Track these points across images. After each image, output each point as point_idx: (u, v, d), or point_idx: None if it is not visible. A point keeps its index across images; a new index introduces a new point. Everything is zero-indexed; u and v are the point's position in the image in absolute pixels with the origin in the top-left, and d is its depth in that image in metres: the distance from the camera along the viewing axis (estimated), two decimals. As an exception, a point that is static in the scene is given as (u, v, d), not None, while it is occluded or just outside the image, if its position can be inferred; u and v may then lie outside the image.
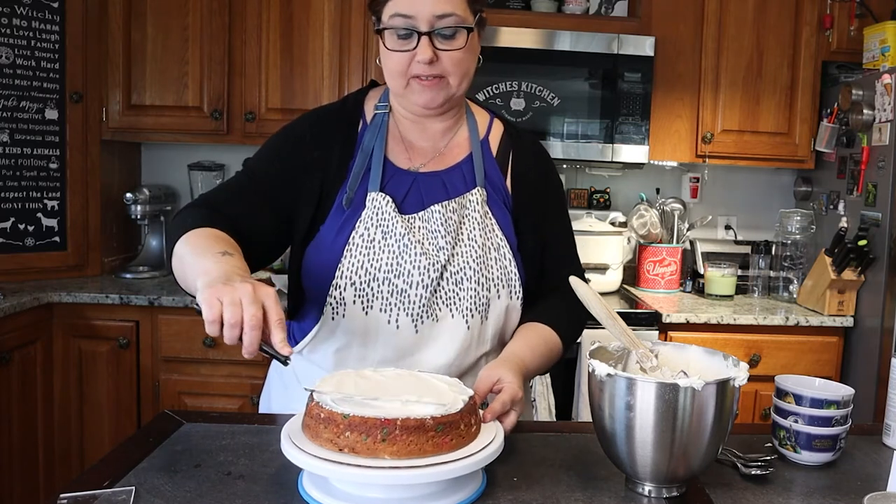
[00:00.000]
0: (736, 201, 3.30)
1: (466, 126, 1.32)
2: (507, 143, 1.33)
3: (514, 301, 1.26)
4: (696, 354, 1.08)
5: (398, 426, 0.86)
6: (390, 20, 1.17)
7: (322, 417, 0.89)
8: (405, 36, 1.16)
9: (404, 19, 1.15)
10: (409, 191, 1.25)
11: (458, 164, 1.29)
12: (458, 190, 1.26)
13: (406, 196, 1.24)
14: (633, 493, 0.98)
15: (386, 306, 1.20)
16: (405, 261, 1.19)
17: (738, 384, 0.94)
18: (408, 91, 1.22)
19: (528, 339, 1.23)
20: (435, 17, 1.15)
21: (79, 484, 0.94)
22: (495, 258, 1.24)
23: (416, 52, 1.16)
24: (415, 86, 1.20)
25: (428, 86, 1.20)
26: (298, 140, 1.28)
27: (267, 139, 1.32)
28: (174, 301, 2.50)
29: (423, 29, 1.15)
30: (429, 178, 1.26)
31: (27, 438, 2.42)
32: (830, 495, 1.00)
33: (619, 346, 1.09)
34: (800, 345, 2.62)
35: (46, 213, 2.74)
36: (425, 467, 0.86)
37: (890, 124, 2.45)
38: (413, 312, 1.20)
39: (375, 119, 1.29)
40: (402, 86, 1.21)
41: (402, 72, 1.19)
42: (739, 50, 2.88)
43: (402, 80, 1.20)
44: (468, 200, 1.25)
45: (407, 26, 1.16)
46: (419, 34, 1.16)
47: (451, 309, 1.21)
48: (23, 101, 2.64)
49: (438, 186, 1.26)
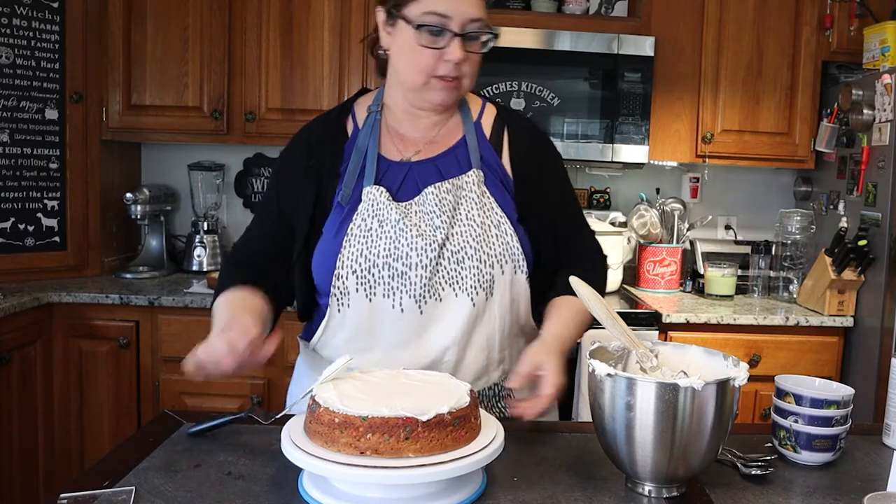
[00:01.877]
0: (736, 201, 3.30)
1: (459, 113, 1.34)
2: (499, 124, 1.34)
3: (520, 275, 1.27)
4: (696, 354, 1.08)
5: (420, 424, 0.87)
6: (423, 17, 1.17)
7: (337, 422, 0.88)
8: (436, 33, 1.18)
9: (439, 18, 1.17)
10: (403, 180, 1.27)
11: (451, 149, 1.30)
12: (452, 173, 1.27)
13: (401, 186, 1.26)
14: (633, 492, 0.98)
15: (388, 291, 1.21)
16: (402, 244, 1.21)
17: (738, 384, 0.94)
18: (425, 88, 1.23)
19: (562, 317, 1.26)
20: (468, 20, 1.18)
21: (79, 484, 0.95)
22: (496, 235, 1.25)
23: (444, 51, 1.18)
24: (435, 84, 1.22)
25: (448, 86, 1.22)
26: (290, 158, 1.34)
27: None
28: (174, 301, 2.50)
29: (455, 29, 1.17)
30: (422, 165, 1.28)
31: (27, 438, 2.42)
32: (830, 495, 1.00)
33: (619, 345, 1.09)
34: (800, 345, 2.62)
35: (46, 213, 2.74)
36: (450, 462, 0.87)
37: (890, 124, 2.45)
38: (415, 294, 1.21)
39: (368, 120, 1.32)
40: (421, 83, 1.22)
41: (425, 69, 1.20)
42: (739, 50, 2.88)
43: (423, 77, 1.21)
44: (464, 182, 1.26)
45: (440, 25, 1.17)
46: (453, 34, 1.17)
47: (454, 288, 1.22)
48: (23, 101, 2.64)
49: (432, 172, 1.28)
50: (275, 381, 2.56)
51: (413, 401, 0.91)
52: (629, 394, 0.92)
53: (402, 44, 1.21)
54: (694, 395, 0.91)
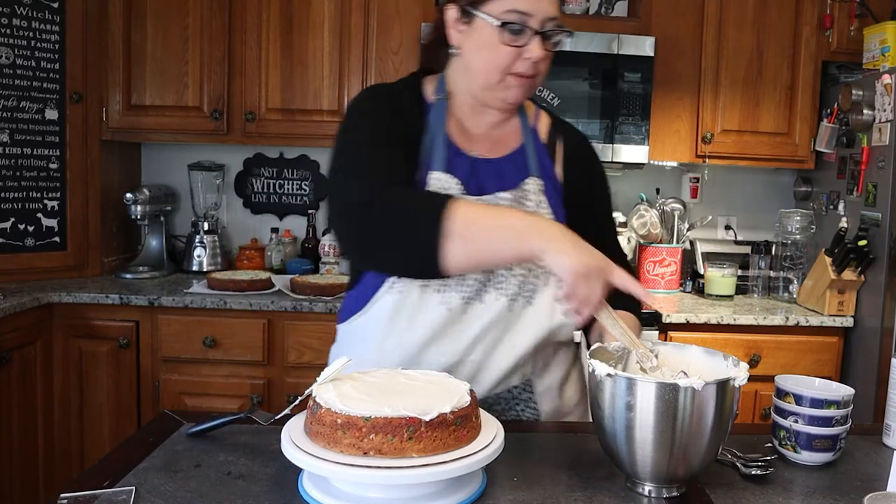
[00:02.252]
0: (736, 201, 3.30)
1: (518, 115, 1.34)
2: (553, 132, 1.36)
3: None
4: (696, 354, 1.08)
5: (424, 424, 0.87)
6: (504, 14, 1.16)
7: (340, 423, 0.88)
8: (517, 32, 1.17)
9: (520, 16, 1.16)
10: (468, 174, 1.25)
11: (512, 154, 1.30)
12: (512, 179, 1.28)
13: (467, 181, 1.25)
14: (634, 492, 0.98)
15: (443, 286, 1.21)
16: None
17: (738, 384, 0.94)
18: (501, 86, 1.22)
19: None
20: (547, 19, 1.18)
21: (79, 484, 0.95)
22: None
23: (524, 49, 1.17)
24: (511, 82, 1.21)
25: (524, 83, 1.21)
26: (379, 114, 1.25)
27: (342, 127, 1.26)
28: (174, 301, 2.50)
29: (536, 27, 1.17)
30: (485, 164, 1.28)
31: (27, 438, 2.42)
32: (830, 495, 1.00)
33: (619, 346, 1.09)
34: (800, 345, 2.62)
35: (46, 213, 2.74)
36: (453, 461, 0.87)
37: (890, 124, 2.45)
38: (465, 293, 1.22)
39: (437, 104, 1.29)
40: (497, 80, 1.21)
41: (503, 67, 1.19)
42: (739, 50, 2.88)
43: (500, 75, 1.20)
44: (524, 190, 1.27)
45: (521, 23, 1.16)
46: (534, 32, 1.17)
47: (497, 291, 1.23)
48: (23, 101, 2.64)
49: (494, 174, 1.27)
50: (275, 381, 2.56)
51: (414, 400, 0.91)
52: (629, 394, 0.92)
53: (480, 41, 1.20)
54: (694, 395, 0.91)
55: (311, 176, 3.25)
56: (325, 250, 3.04)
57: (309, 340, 2.53)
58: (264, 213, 3.27)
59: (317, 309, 2.52)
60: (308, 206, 3.24)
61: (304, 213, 3.23)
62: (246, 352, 2.53)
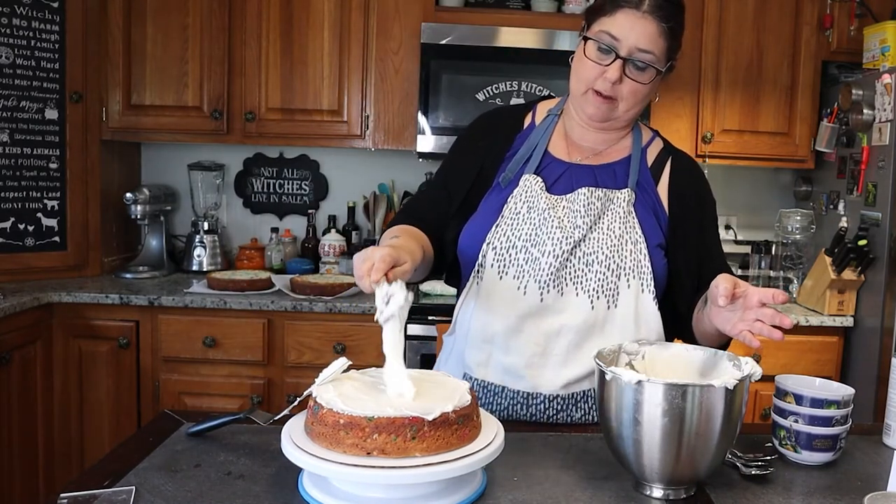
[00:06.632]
0: (736, 201, 3.30)
1: (631, 136, 1.41)
2: (664, 156, 1.42)
3: (647, 294, 1.30)
4: (679, 352, 1.10)
5: (426, 423, 0.87)
6: (598, 34, 1.28)
7: (342, 423, 0.88)
8: (605, 51, 1.27)
9: (610, 38, 1.26)
10: (560, 176, 1.36)
11: (612, 164, 1.38)
12: (606, 184, 1.35)
13: (557, 180, 1.35)
14: (639, 494, 0.98)
15: (519, 273, 1.29)
16: (542, 232, 1.29)
17: (755, 378, 0.98)
18: (583, 99, 1.33)
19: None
20: (636, 49, 1.26)
21: (79, 484, 0.95)
22: (630, 250, 1.30)
23: (607, 69, 1.27)
24: (590, 97, 1.31)
25: (601, 103, 1.30)
26: (470, 137, 1.47)
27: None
28: (174, 301, 2.50)
29: (622, 53, 1.26)
30: (582, 168, 1.37)
31: (27, 438, 2.42)
32: (830, 495, 1.00)
33: (610, 348, 1.10)
34: (800, 345, 2.62)
35: (46, 213, 2.74)
36: (455, 461, 0.87)
37: (890, 124, 2.45)
38: (541, 280, 1.28)
39: (546, 120, 1.42)
40: (581, 91, 1.32)
41: (588, 80, 1.30)
42: (739, 50, 2.87)
43: (584, 87, 1.31)
44: (615, 196, 1.33)
45: (609, 44, 1.26)
46: (617, 56, 1.26)
47: (576, 287, 1.29)
48: (23, 101, 2.64)
49: (589, 176, 1.36)
50: (275, 380, 2.56)
51: (416, 400, 0.91)
52: (637, 396, 0.92)
53: (579, 53, 1.32)
54: (702, 396, 0.91)
55: (310, 176, 3.25)
56: (325, 250, 3.03)
57: (309, 340, 2.53)
58: (264, 212, 3.27)
59: (317, 309, 2.52)
60: (308, 206, 3.24)
61: (304, 212, 3.22)
62: (246, 352, 2.53)
